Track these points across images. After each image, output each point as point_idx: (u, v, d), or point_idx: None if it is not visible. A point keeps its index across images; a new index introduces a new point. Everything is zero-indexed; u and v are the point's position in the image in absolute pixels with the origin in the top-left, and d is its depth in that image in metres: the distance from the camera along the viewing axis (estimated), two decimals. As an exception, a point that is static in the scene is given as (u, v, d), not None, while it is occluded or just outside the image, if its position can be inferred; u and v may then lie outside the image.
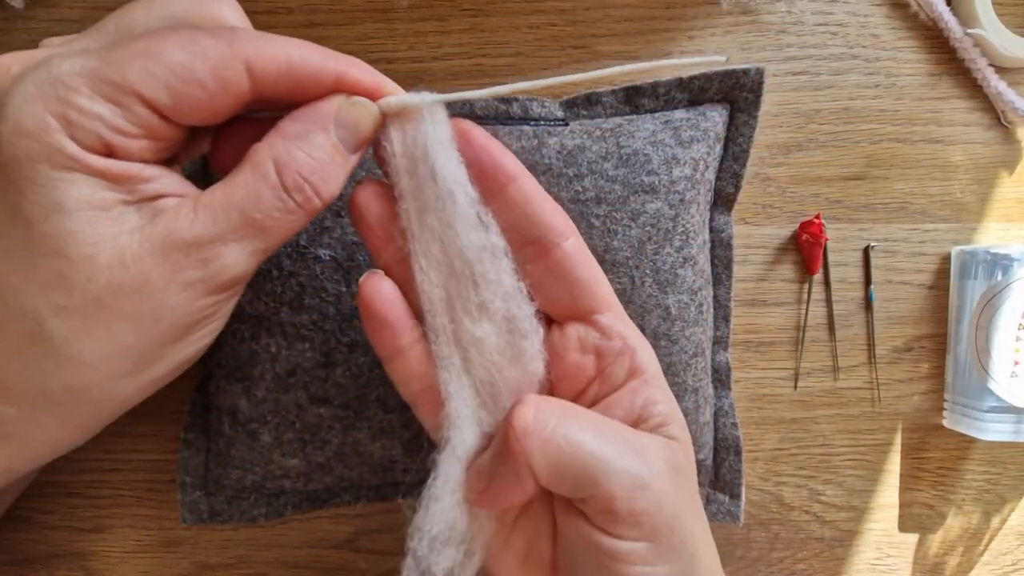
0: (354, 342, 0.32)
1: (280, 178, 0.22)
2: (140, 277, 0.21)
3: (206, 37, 0.22)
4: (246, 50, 0.22)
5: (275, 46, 0.22)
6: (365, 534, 0.39)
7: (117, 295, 0.21)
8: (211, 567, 0.39)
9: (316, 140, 0.23)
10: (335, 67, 0.23)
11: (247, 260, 0.23)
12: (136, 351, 0.22)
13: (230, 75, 0.22)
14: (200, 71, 0.21)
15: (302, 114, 0.23)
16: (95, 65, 0.21)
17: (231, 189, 0.22)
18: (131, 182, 0.22)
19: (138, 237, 0.21)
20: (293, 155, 0.23)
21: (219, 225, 0.22)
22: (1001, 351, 0.38)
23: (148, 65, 0.21)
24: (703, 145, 0.35)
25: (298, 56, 0.23)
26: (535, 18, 0.38)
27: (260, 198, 0.22)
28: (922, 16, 0.40)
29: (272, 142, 0.23)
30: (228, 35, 0.22)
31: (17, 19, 0.37)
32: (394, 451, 0.34)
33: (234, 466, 0.34)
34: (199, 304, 0.22)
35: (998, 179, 0.41)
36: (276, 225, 0.23)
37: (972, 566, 0.41)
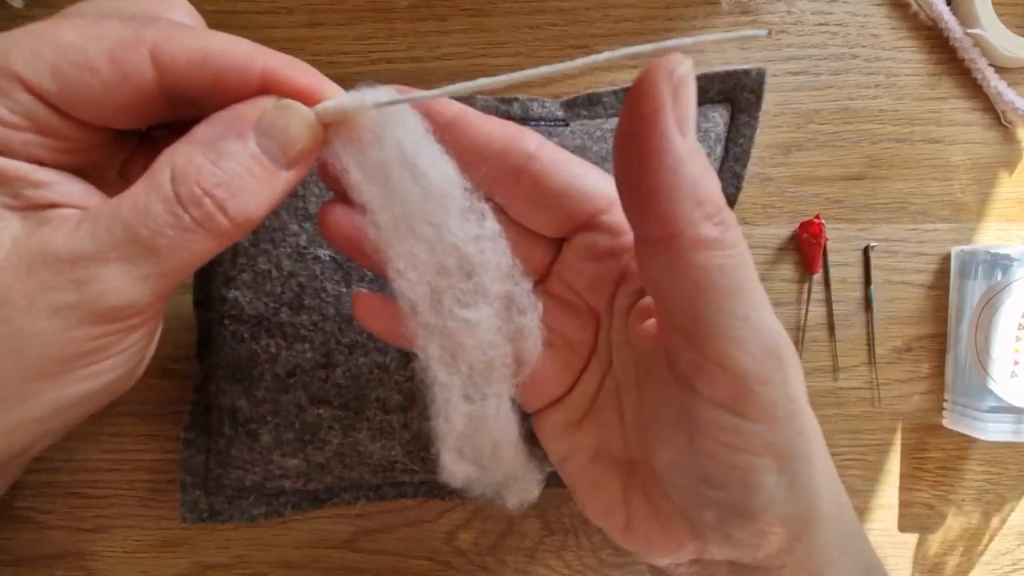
0: (354, 343, 0.32)
1: (174, 187, 0.18)
2: (20, 280, 0.18)
3: (112, 21, 0.19)
4: (155, 36, 0.19)
5: (192, 35, 0.19)
6: (365, 534, 0.39)
7: (20, 308, 0.18)
8: (211, 567, 0.39)
9: (228, 147, 0.19)
10: (263, 62, 0.20)
11: (135, 286, 0.19)
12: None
13: (129, 60, 0.18)
14: (93, 54, 0.18)
15: (218, 116, 0.20)
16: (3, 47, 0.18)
17: (120, 201, 0.19)
18: (15, 183, 0.18)
19: (8, 247, 0.18)
20: (194, 162, 0.19)
21: (99, 241, 0.18)
22: (1001, 351, 0.38)
23: (35, 46, 0.18)
24: (703, 146, 0.35)
25: (218, 46, 0.19)
26: (535, 18, 0.38)
27: (149, 211, 0.18)
28: (922, 16, 0.40)
29: (175, 147, 0.19)
30: (140, 21, 0.19)
31: (17, 19, 0.37)
32: (394, 451, 0.34)
33: (234, 466, 0.34)
34: (74, 335, 0.18)
35: (998, 179, 0.41)
36: (169, 245, 0.19)
37: (972, 566, 0.41)
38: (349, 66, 0.38)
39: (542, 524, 0.39)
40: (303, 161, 0.21)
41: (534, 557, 0.40)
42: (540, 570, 0.40)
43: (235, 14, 0.37)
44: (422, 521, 0.39)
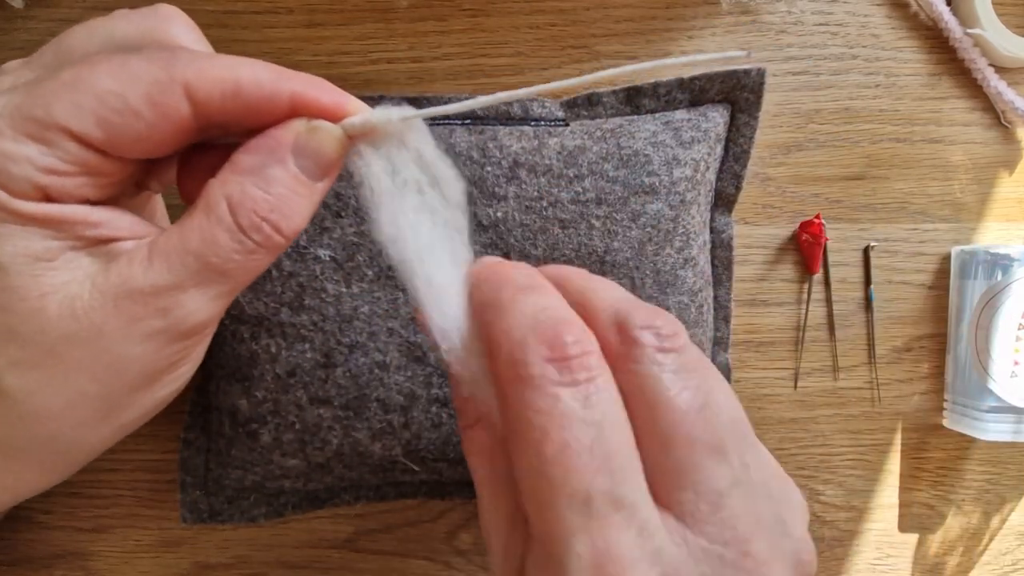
0: (354, 343, 0.32)
1: (235, 219, 0.20)
2: (93, 328, 0.20)
3: (139, 61, 0.20)
4: (185, 73, 0.20)
5: (220, 67, 0.20)
6: (365, 534, 0.39)
7: (72, 346, 0.20)
8: (211, 567, 0.39)
9: (273, 174, 0.21)
10: (289, 88, 0.21)
11: (211, 305, 0.21)
12: (100, 400, 0.21)
13: (168, 101, 0.20)
14: (133, 99, 0.19)
15: (257, 145, 0.21)
16: (18, 102, 0.19)
17: (186, 233, 0.20)
18: (77, 227, 0.20)
19: (89, 286, 0.20)
20: (248, 193, 0.21)
21: (176, 273, 0.20)
22: (1001, 351, 0.38)
23: (75, 96, 0.19)
24: (704, 146, 0.35)
25: (247, 77, 0.20)
26: (535, 18, 0.38)
27: (216, 242, 0.20)
28: (922, 16, 0.40)
29: (225, 179, 0.21)
30: (165, 57, 0.20)
31: (17, 19, 0.37)
32: (394, 451, 0.34)
33: (234, 466, 0.34)
34: (165, 352, 0.21)
35: (998, 179, 0.41)
36: (238, 267, 0.21)
37: (972, 566, 0.41)
38: (349, 66, 0.38)
39: (542, 524, 0.39)
40: (334, 171, 0.22)
41: (534, 557, 0.40)
42: (540, 570, 0.40)
43: (235, 14, 0.37)
44: (422, 521, 0.39)
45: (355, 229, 0.32)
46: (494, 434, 0.23)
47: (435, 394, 0.33)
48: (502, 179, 0.33)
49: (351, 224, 0.32)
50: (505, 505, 0.22)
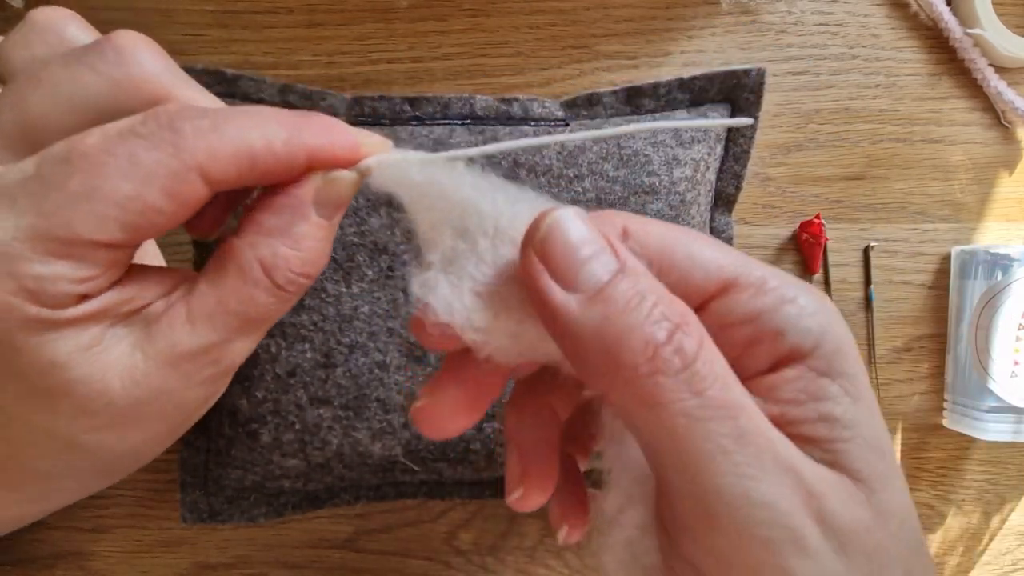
0: (354, 343, 0.32)
1: (271, 279, 0.21)
2: (155, 389, 0.21)
3: (146, 150, 0.19)
4: (196, 155, 0.19)
5: (230, 139, 0.20)
6: (365, 534, 0.39)
7: (140, 406, 0.21)
8: (211, 567, 0.39)
9: (300, 231, 0.21)
10: (304, 147, 0.21)
11: (251, 345, 0.23)
12: (168, 433, 0.23)
13: (186, 190, 0.20)
14: (152, 198, 0.19)
15: (279, 205, 0.21)
16: (33, 223, 0.19)
17: (223, 295, 0.21)
18: (114, 309, 0.21)
19: (140, 355, 0.21)
20: (279, 253, 0.21)
21: (220, 332, 0.21)
22: (1001, 351, 0.38)
23: (94, 208, 0.19)
24: (704, 146, 0.35)
25: (260, 145, 0.20)
26: (535, 18, 0.38)
27: (255, 300, 0.21)
28: (922, 16, 0.40)
29: (254, 242, 0.21)
30: (171, 140, 0.19)
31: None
32: (394, 451, 0.34)
33: (234, 466, 0.34)
34: (217, 386, 0.23)
35: (998, 179, 0.41)
36: (275, 314, 0.22)
37: (972, 566, 0.41)
38: (349, 66, 0.38)
39: (542, 524, 0.39)
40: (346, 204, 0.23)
41: (534, 557, 0.40)
42: (540, 570, 0.40)
43: (235, 14, 0.37)
44: (422, 521, 0.39)
45: (355, 229, 0.32)
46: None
47: (435, 394, 0.33)
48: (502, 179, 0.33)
49: (351, 224, 0.32)
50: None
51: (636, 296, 0.17)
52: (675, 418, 0.17)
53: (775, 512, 0.17)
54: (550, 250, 0.18)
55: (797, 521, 0.17)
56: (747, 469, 0.17)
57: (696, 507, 0.17)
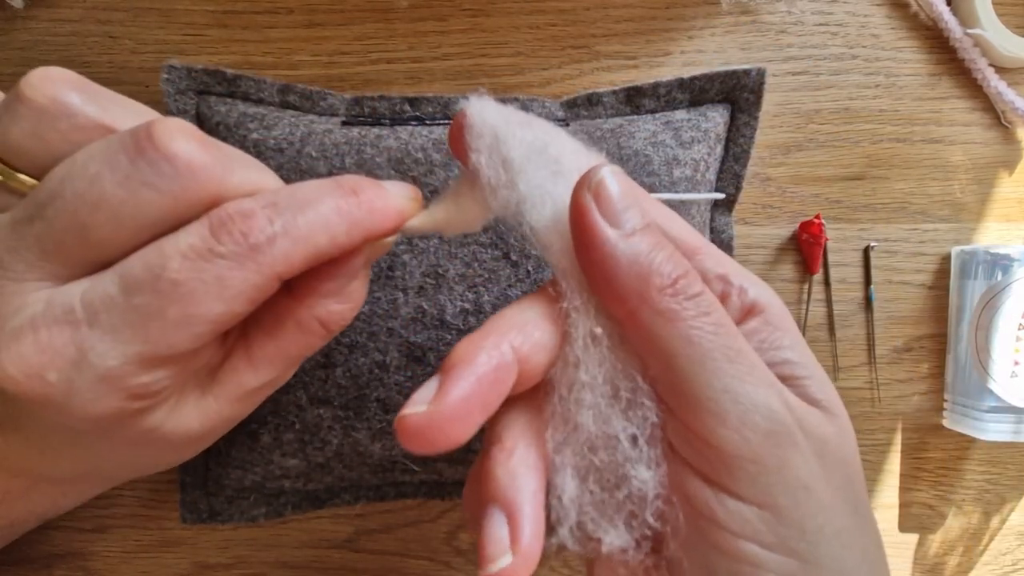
0: (354, 343, 0.32)
1: (327, 330, 0.24)
2: (226, 419, 0.25)
3: (230, 270, 0.21)
4: (276, 267, 0.21)
5: (301, 242, 0.21)
6: (365, 534, 0.39)
7: (211, 434, 0.25)
8: (211, 567, 0.39)
9: (350, 289, 0.24)
10: (362, 235, 0.22)
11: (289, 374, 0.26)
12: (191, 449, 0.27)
13: (264, 294, 0.22)
14: (240, 310, 0.21)
15: (335, 273, 0.23)
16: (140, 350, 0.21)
17: (283, 345, 0.24)
18: (189, 379, 0.23)
19: (212, 398, 0.24)
20: (333, 310, 0.24)
21: (278, 370, 0.24)
22: (1001, 351, 0.38)
23: (193, 330, 0.21)
24: (704, 146, 0.35)
25: (325, 242, 0.22)
26: (535, 18, 0.38)
27: (313, 347, 0.24)
28: (922, 16, 0.40)
29: (312, 304, 0.23)
30: (250, 255, 0.21)
31: (17, 19, 0.37)
32: (394, 451, 0.34)
33: (234, 466, 0.34)
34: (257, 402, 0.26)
35: (998, 179, 0.41)
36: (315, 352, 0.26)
37: (972, 566, 0.41)
38: (349, 66, 0.38)
39: (542, 524, 0.39)
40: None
41: (534, 557, 0.40)
42: (540, 570, 0.40)
43: (235, 14, 0.37)
44: (422, 521, 0.39)
45: None
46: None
47: (435, 394, 0.33)
48: (502, 179, 0.33)
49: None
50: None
51: (660, 243, 0.21)
52: (691, 329, 0.20)
53: (772, 412, 0.20)
54: (603, 193, 0.21)
55: (789, 422, 0.21)
56: (747, 377, 0.21)
57: (707, 405, 0.20)
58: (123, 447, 0.24)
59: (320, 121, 0.34)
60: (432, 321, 0.32)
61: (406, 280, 0.32)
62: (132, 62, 0.37)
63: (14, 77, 0.36)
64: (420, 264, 0.32)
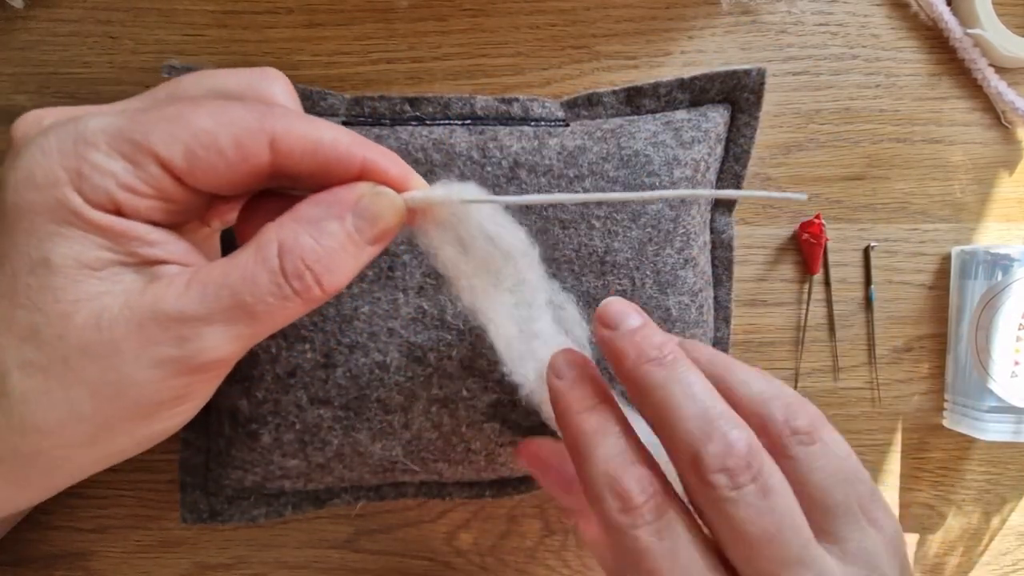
0: (354, 343, 0.32)
1: (281, 262, 0.21)
2: (110, 344, 0.20)
3: (238, 108, 0.22)
4: (275, 125, 0.21)
5: (307, 126, 0.22)
6: (365, 534, 0.39)
7: (84, 359, 0.20)
8: (211, 567, 0.39)
9: (329, 227, 0.22)
10: (363, 153, 0.23)
11: (230, 344, 0.21)
12: (93, 422, 0.21)
13: (251, 146, 0.21)
14: (222, 138, 0.21)
15: (321, 198, 0.22)
16: (122, 124, 0.21)
17: (229, 268, 0.21)
18: (133, 242, 0.21)
19: (122, 300, 0.20)
20: (300, 240, 0.21)
21: (206, 303, 0.21)
22: (1001, 351, 0.38)
23: (173, 128, 0.21)
24: (704, 146, 0.35)
25: (328, 138, 0.22)
26: (535, 18, 0.38)
27: (256, 280, 0.21)
28: (922, 16, 0.40)
29: (282, 223, 0.22)
30: (261, 109, 0.22)
31: (17, 19, 0.37)
32: (394, 452, 0.34)
33: (234, 466, 0.34)
34: (169, 384, 0.21)
35: (998, 179, 0.41)
36: (268, 311, 0.21)
37: (972, 566, 0.41)
38: (349, 66, 0.38)
39: (542, 524, 0.39)
40: (387, 238, 0.24)
41: (534, 557, 0.40)
42: (540, 570, 0.40)
43: (235, 14, 0.37)
44: (422, 521, 0.39)
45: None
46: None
47: (435, 394, 0.33)
48: (502, 179, 0.33)
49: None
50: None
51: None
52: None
53: None
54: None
55: None
56: None
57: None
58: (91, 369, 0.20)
59: (320, 121, 0.34)
60: (432, 321, 0.32)
61: (406, 280, 0.32)
62: (132, 62, 0.37)
63: (14, 77, 0.36)
64: (420, 264, 0.32)
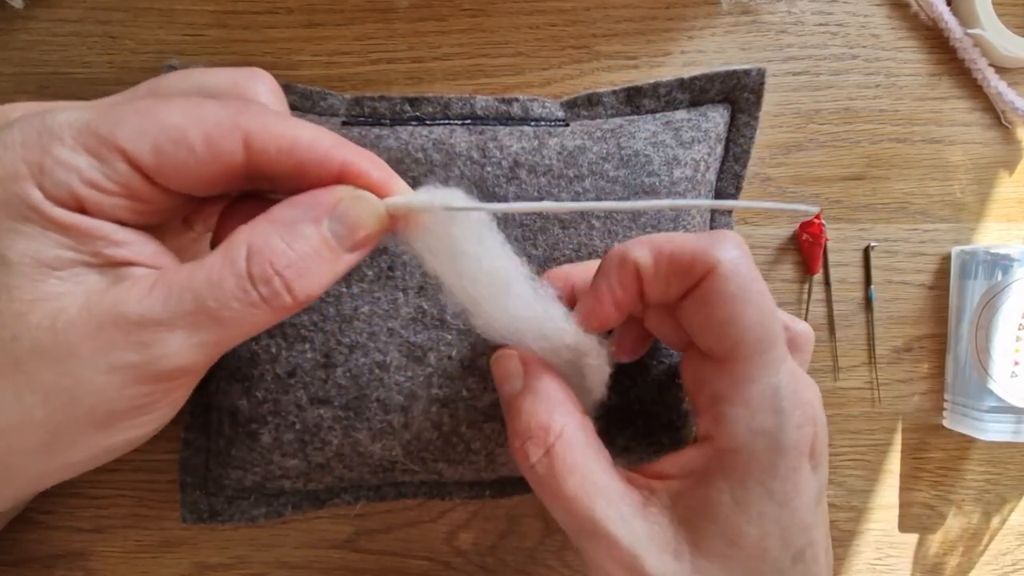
0: (354, 343, 0.32)
1: (248, 265, 0.20)
2: (66, 347, 0.19)
3: (211, 104, 0.20)
4: (249, 123, 0.20)
5: (284, 125, 0.21)
6: (365, 534, 0.39)
7: (37, 361, 0.19)
8: (211, 567, 0.39)
9: (303, 231, 0.20)
10: (343, 155, 0.21)
11: (193, 352, 0.20)
12: (46, 428, 0.19)
13: (224, 144, 0.20)
14: (192, 134, 0.20)
15: (297, 200, 0.21)
16: (89, 117, 0.19)
17: (195, 270, 0.20)
18: (97, 242, 0.20)
19: (81, 302, 0.19)
20: (270, 243, 0.20)
21: (169, 307, 0.19)
22: (1001, 351, 0.38)
23: (140, 122, 0.19)
24: (704, 146, 0.35)
25: (306, 138, 0.21)
26: (535, 18, 0.38)
27: (221, 284, 0.20)
28: (922, 16, 0.40)
29: (254, 225, 0.21)
30: (236, 105, 0.21)
31: (17, 19, 0.37)
32: (394, 451, 0.34)
33: (234, 466, 0.34)
34: (129, 392, 0.20)
35: (998, 179, 0.41)
36: (233, 317, 0.20)
37: (972, 566, 0.41)
38: (349, 66, 0.38)
39: (542, 524, 0.39)
40: (366, 246, 0.22)
41: (534, 557, 0.40)
42: (540, 570, 0.40)
43: (235, 14, 0.37)
44: (422, 521, 0.39)
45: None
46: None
47: (435, 394, 0.33)
48: (502, 179, 0.33)
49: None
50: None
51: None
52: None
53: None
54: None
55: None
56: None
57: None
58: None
59: (320, 121, 0.34)
60: (432, 321, 0.32)
61: (406, 280, 0.32)
62: (132, 62, 0.37)
63: (14, 77, 0.36)
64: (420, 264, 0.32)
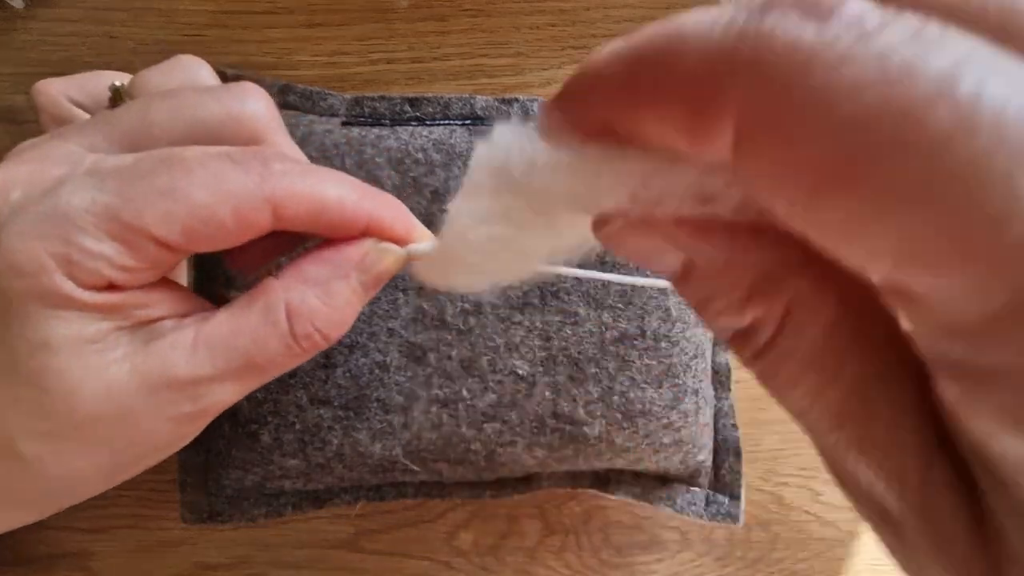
0: (354, 343, 0.32)
1: (290, 325, 0.21)
2: (123, 409, 0.20)
3: (234, 173, 0.20)
4: (276, 190, 0.20)
5: (309, 183, 0.21)
6: (365, 534, 0.39)
7: (98, 424, 0.20)
8: (211, 567, 0.39)
9: (336, 287, 0.22)
10: (368, 211, 0.22)
11: (239, 393, 0.22)
12: (110, 468, 0.22)
13: (253, 216, 0.20)
14: (222, 213, 0.20)
15: (326, 257, 0.22)
16: (109, 201, 0.19)
17: (237, 330, 0.21)
18: (130, 310, 0.20)
19: (127, 367, 0.20)
20: (308, 303, 0.21)
21: (218, 366, 0.21)
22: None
23: (167, 206, 0.20)
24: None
25: (332, 198, 0.21)
26: (535, 18, 0.38)
27: (266, 345, 0.21)
28: (922, 16, 0.40)
29: (288, 285, 0.21)
30: (259, 169, 0.21)
31: (17, 19, 0.37)
32: (394, 452, 0.34)
33: (234, 466, 0.34)
34: (184, 430, 0.22)
35: None
36: (277, 367, 0.22)
37: (972, 566, 0.41)
38: (349, 66, 0.38)
39: (542, 524, 0.39)
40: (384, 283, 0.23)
41: (534, 557, 0.40)
42: (540, 570, 0.40)
43: (235, 14, 0.37)
44: (422, 521, 0.39)
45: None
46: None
47: (435, 394, 0.33)
48: (502, 179, 0.33)
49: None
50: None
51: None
52: None
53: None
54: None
55: None
56: None
57: None
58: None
59: (320, 121, 0.34)
60: (432, 321, 0.32)
61: (406, 280, 0.32)
62: (132, 62, 0.37)
63: (14, 77, 0.36)
64: (420, 264, 0.32)
